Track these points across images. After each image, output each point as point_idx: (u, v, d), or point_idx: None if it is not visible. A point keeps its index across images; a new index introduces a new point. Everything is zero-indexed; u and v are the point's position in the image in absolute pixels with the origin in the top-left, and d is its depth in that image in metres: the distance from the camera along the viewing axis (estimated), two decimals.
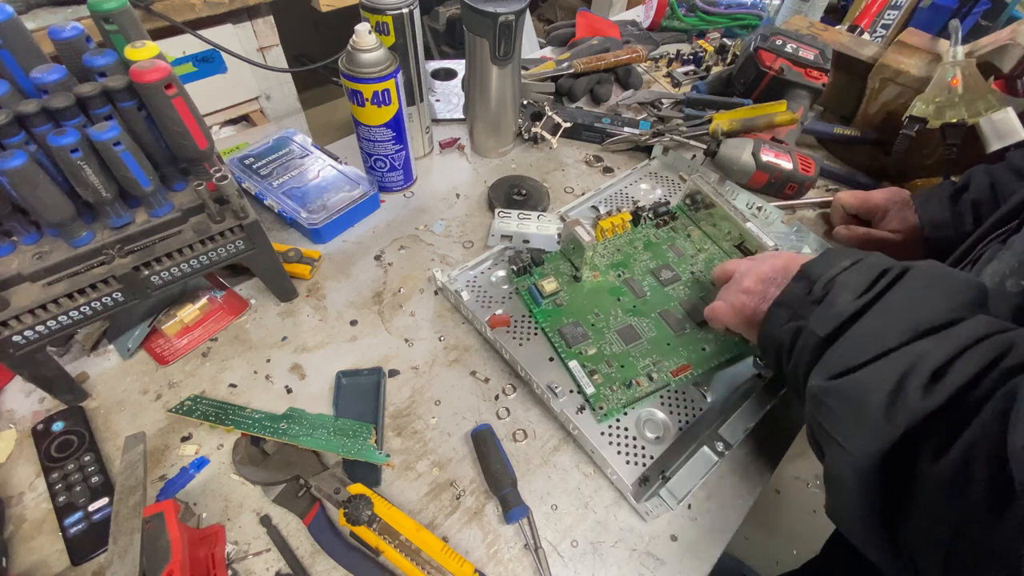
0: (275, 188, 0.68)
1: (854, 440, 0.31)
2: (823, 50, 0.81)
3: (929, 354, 0.29)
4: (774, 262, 0.46)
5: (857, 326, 0.34)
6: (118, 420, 0.50)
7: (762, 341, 0.44)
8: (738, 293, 0.47)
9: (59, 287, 0.43)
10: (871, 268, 0.37)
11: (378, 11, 0.62)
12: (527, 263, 0.60)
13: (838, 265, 0.38)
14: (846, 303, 0.35)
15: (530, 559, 0.44)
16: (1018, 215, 0.47)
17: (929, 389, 0.28)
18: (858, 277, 0.36)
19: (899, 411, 0.29)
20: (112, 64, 0.42)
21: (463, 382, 0.55)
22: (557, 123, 0.81)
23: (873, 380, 0.31)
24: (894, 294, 0.34)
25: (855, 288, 0.35)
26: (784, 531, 1.25)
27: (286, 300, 0.60)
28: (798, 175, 0.73)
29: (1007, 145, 0.64)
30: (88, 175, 0.40)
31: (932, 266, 0.36)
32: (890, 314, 0.33)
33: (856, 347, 0.33)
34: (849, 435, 0.32)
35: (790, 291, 0.41)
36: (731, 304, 0.48)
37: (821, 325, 0.36)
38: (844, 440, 0.32)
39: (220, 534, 0.43)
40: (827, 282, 0.38)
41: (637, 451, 0.49)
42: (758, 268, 0.47)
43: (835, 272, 0.38)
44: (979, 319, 0.32)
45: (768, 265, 0.46)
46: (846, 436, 0.32)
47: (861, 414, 0.31)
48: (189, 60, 0.96)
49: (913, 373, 0.29)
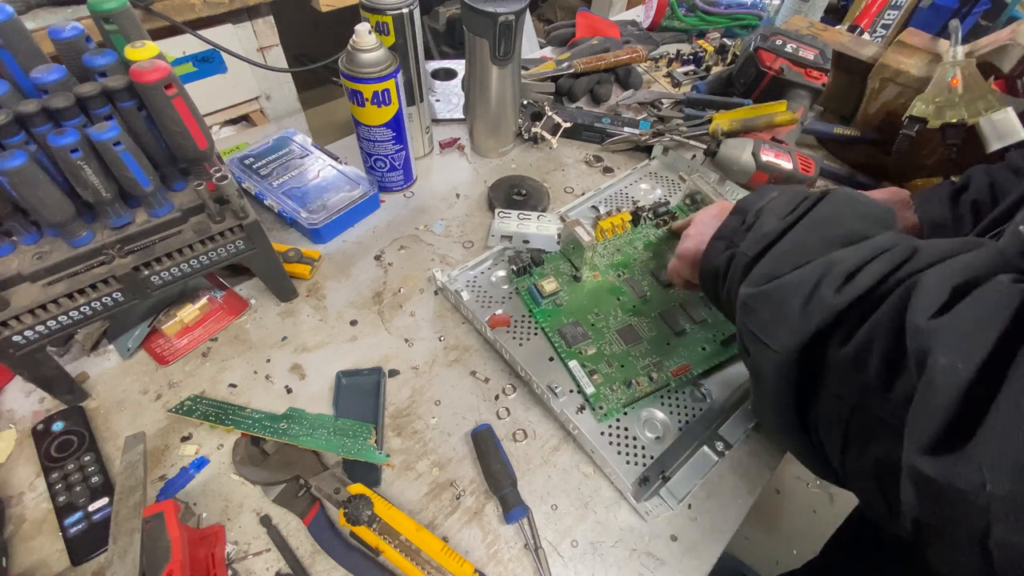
0: (275, 188, 0.68)
1: (775, 337, 0.34)
2: (823, 50, 0.81)
3: (843, 260, 0.33)
4: (711, 209, 0.51)
5: (780, 243, 0.37)
6: (118, 420, 0.50)
7: (702, 275, 0.46)
8: (683, 241, 0.51)
9: (59, 287, 0.43)
10: (795, 195, 0.40)
11: (378, 11, 0.62)
12: (527, 263, 0.60)
13: (767, 196, 0.42)
14: (771, 225, 0.38)
15: (530, 559, 0.44)
16: (1010, 217, 0.46)
17: (841, 289, 0.32)
18: (783, 202, 0.40)
19: (814, 308, 0.32)
20: (112, 64, 0.42)
21: (463, 382, 0.55)
22: (557, 123, 0.81)
23: (793, 284, 0.34)
24: (814, 214, 0.37)
25: (780, 212, 0.39)
26: (784, 531, 1.25)
27: (286, 300, 0.60)
28: (798, 175, 0.72)
29: (1007, 145, 0.64)
30: (88, 175, 0.40)
31: (848, 191, 0.40)
32: (810, 230, 0.37)
33: (780, 259, 0.36)
34: (771, 333, 0.35)
35: (726, 225, 0.44)
36: (677, 254, 0.51)
37: (751, 247, 0.39)
38: (767, 338, 0.35)
39: (220, 534, 0.43)
40: (757, 210, 0.41)
41: (637, 451, 0.49)
42: (699, 216, 0.51)
43: (764, 202, 0.41)
44: (889, 233, 0.35)
45: (706, 212, 0.51)
46: (768, 335, 0.35)
47: (782, 314, 0.34)
48: (189, 60, 0.96)
49: (828, 276, 0.32)
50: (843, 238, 0.35)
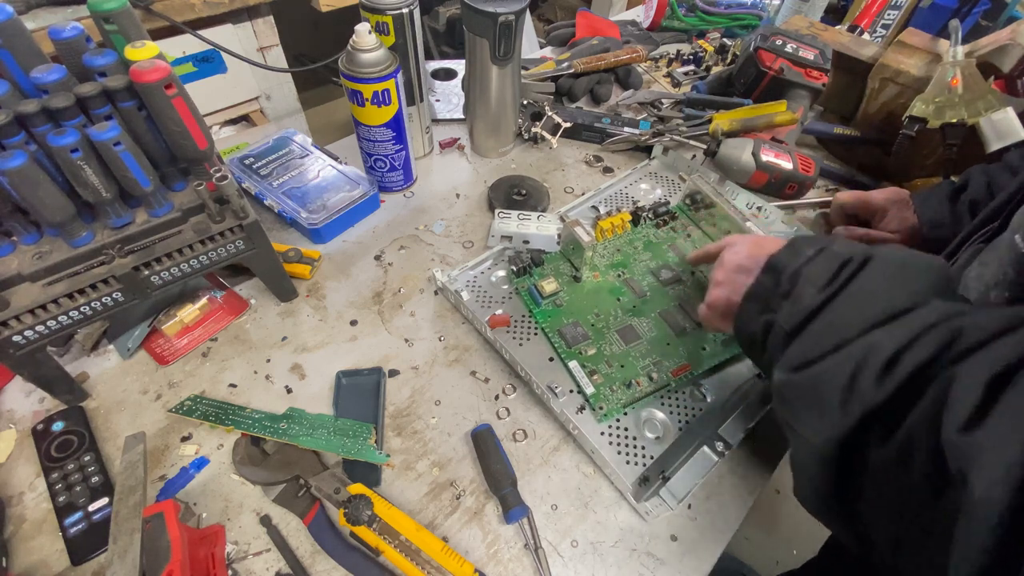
0: (275, 188, 0.68)
1: (813, 430, 0.32)
2: (823, 50, 0.81)
3: (881, 345, 0.30)
4: (741, 249, 0.46)
5: (818, 320, 0.34)
6: (118, 420, 0.50)
7: (737, 335, 0.44)
8: (711, 289, 0.48)
9: (59, 287, 0.43)
10: (833, 258, 0.37)
11: (378, 11, 0.62)
12: (527, 263, 0.60)
13: (802, 255, 0.39)
14: (810, 297, 0.35)
15: (530, 559, 0.44)
16: (1000, 215, 0.46)
17: (881, 380, 0.29)
18: (821, 268, 0.37)
19: (853, 402, 0.30)
20: (112, 64, 0.42)
21: (463, 382, 0.55)
22: (557, 123, 0.81)
23: (828, 373, 0.32)
24: (855, 285, 0.34)
25: (817, 280, 0.36)
26: (784, 531, 1.25)
27: (286, 300, 0.60)
28: (798, 175, 0.73)
29: (1007, 145, 0.64)
30: (88, 175, 0.40)
31: (894, 252, 0.36)
32: (849, 306, 0.34)
33: (815, 341, 0.34)
34: (808, 426, 0.33)
35: (760, 284, 0.41)
36: (705, 303, 0.48)
37: (788, 320, 0.36)
38: (803, 430, 0.33)
39: (220, 534, 0.43)
40: (792, 274, 0.38)
41: (637, 451, 0.49)
42: (728, 257, 0.47)
43: (799, 263, 0.38)
44: (933, 306, 0.32)
45: (736, 254, 0.46)
46: (805, 427, 0.33)
47: (818, 406, 0.32)
48: (189, 60, 0.96)
49: (866, 365, 0.30)
50: (886, 313, 0.32)
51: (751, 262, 0.44)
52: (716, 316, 0.47)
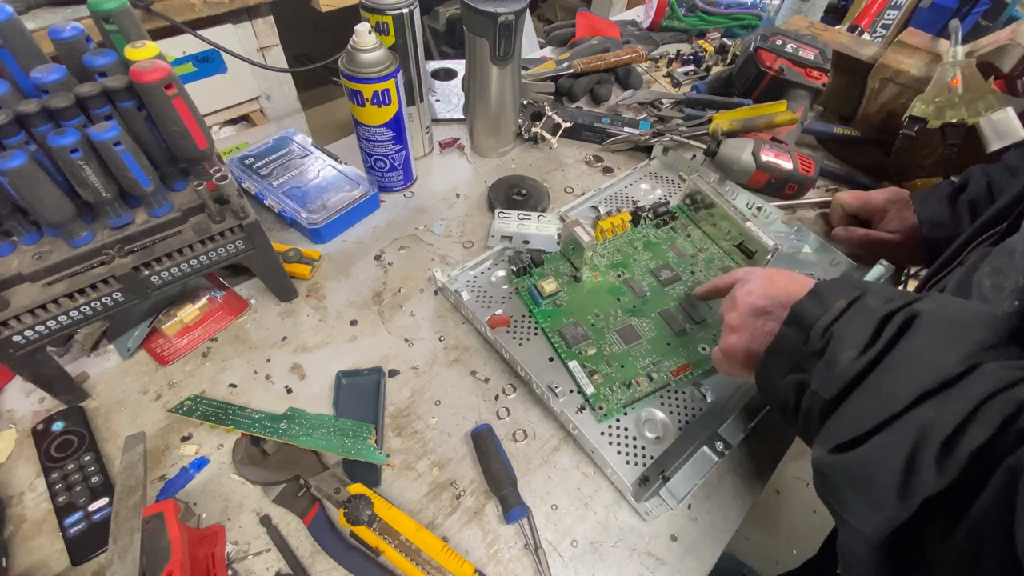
0: (275, 188, 0.68)
1: (864, 519, 0.29)
2: (823, 50, 0.81)
3: (938, 423, 0.27)
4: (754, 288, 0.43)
5: (862, 388, 0.31)
6: (118, 420, 0.50)
7: (762, 391, 0.41)
8: (726, 335, 0.44)
9: (59, 287, 0.43)
10: (870, 316, 0.33)
11: (378, 11, 0.62)
12: (527, 263, 0.60)
13: (832, 308, 0.35)
14: (848, 361, 0.32)
15: (530, 559, 0.44)
16: (1006, 217, 0.46)
17: (942, 464, 0.26)
18: (857, 328, 0.33)
19: (912, 490, 0.27)
20: (112, 64, 0.42)
21: (463, 382, 0.55)
22: (557, 123, 0.81)
23: (880, 456, 0.29)
24: (901, 350, 0.30)
25: (856, 342, 0.32)
26: (784, 531, 1.25)
27: (286, 300, 0.60)
28: (798, 175, 0.73)
29: (1007, 145, 0.64)
30: (88, 175, 0.40)
31: (941, 308, 0.32)
32: (897, 374, 0.30)
33: (859, 415, 0.30)
34: (859, 514, 0.30)
35: (784, 338, 0.38)
36: (721, 349, 0.45)
37: (825, 387, 0.33)
38: (854, 520, 0.30)
39: (220, 534, 0.43)
40: (824, 331, 0.34)
41: (637, 451, 0.49)
42: (741, 297, 0.44)
43: (830, 319, 0.35)
44: (988, 370, 0.28)
45: (749, 294, 0.43)
46: (856, 515, 0.30)
47: (870, 493, 0.29)
48: (189, 60, 0.96)
49: (924, 447, 0.27)
50: (937, 381, 0.28)
51: (769, 303, 0.41)
52: (735, 365, 0.44)
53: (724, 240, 0.65)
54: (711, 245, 0.65)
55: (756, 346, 0.41)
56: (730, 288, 0.48)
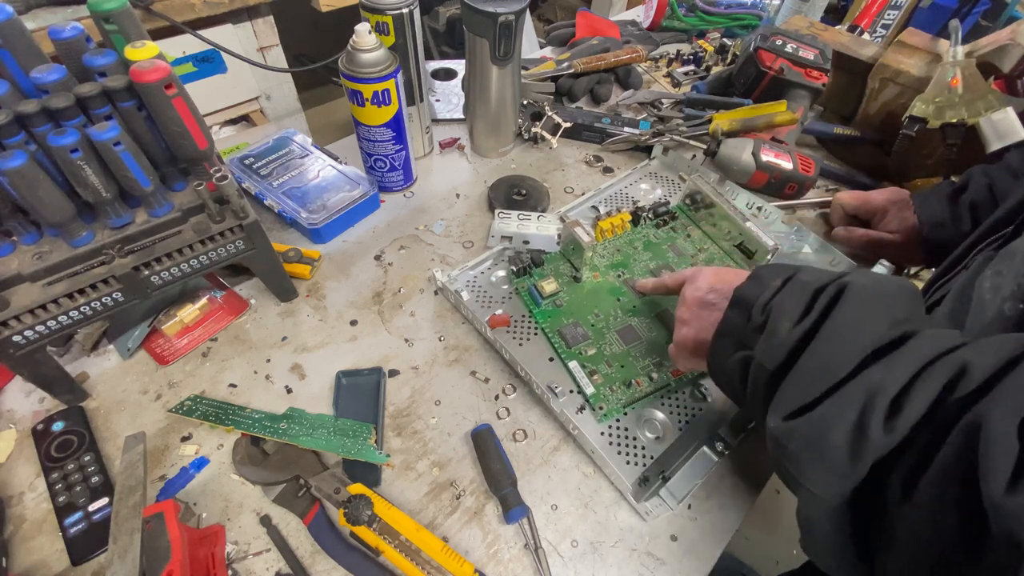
0: (275, 188, 0.68)
1: (820, 483, 0.30)
2: (823, 50, 0.81)
3: (883, 384, 0.28)
4: (701, 284, 0.45)
5: (805, 356, 0.32)
6: (118, 420, 0.50)
7: (713, 374, 0.43)
8: (678, 328, 0.46)
9: (59, 287, 0.43)
10: (804, 289, 0.35)
11: (378, 11, 0.62)
12: (527, 264, 0.60)
13: (770, 286, 0.37)
14: (787, 331, 0.33)
15: (530, 559, 0.44)
16: (1012, 221, 0.46)
17: (890, 424, 0.28)
18: (793, 300, 0.35)
19: (863, 450, 0.28)
20: (112, 64, 0.42)
21: (463, 382, 0.55)
22: (557, 123, 0.81)
23: (831, 418, 0.30)
24: (835, 317, 0.32)
25: (792, 313, 0.34)
26: (784, 531, 1.25)
27: (286, 300, 0.60)
28: (798, 175, 0.73)
29: (1007, 145, 0.64)
30: (88, 175, 0.40)
31: (865, 277, 0.34)
32: (835, 339, 0.32)
33: (808, 380, 0.32)
34: (814, 478, 0.31)
35: (729, 320, 0.40)
36: (674, 344, 0.47)
37: (768, 357, 0.34)
38: (810, 484, 0.31)
39: (220, 534, 0.43)
40: (763, 307, 0.36)
41: (637, 451, 0.49)
42: (688, 294, 0.46)
43: (769, 295, 0.37)
44: (924, 335, 0.30)
45: (697, 289, 0.45)
46: (812, 480, 0.31)
47: (824, 456, 0.30)
48: (189, 60, 0.96)
49: (871, 408, 0.28)
50: (876, 344, 0.30)
51: (714, 295, 0.44)
52: (686, 355, 0.46)
53: (724, 240, 0.65)
54: (711, 245, 0.65)
55: (704, 335, 0.43)
56: (679, 287, 0.49)
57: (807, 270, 0.38)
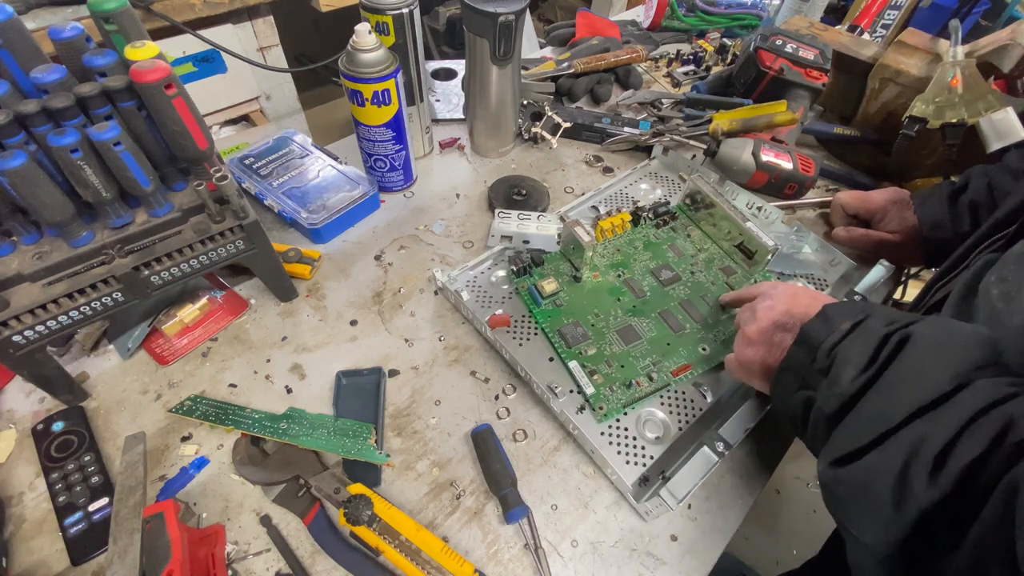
0: (275, 188, 0.68)
1: (867, 531, 0.31)
2: (823, 50, 0.81)
3: (928, 439, 0.29)
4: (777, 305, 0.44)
5: (860, 404, 0.33)
6: (118, 420, 0.50)
7: (775, 403, 0.43)
8: (743, 346, 0.46)
9: (59, 287, 0.43)
10: (870, 337, 0.35)
11: (378, 11, 0.62)
12: (527, 263, 0.60)
13: (838, 329, 0.37)
14: (848, 380, 0.34)
15: (530, 559, 0.44)
16: (1013, 222, 0.46)
17: (934, 477, 0.28)
18: (858, 349, 0.35)
19: (907, 502, 0.28)
20: (112, 64, 0.42)
21: (463, 382, 0.55)
22: (557, 123, 0.81)
23: (876, 470, 0.30)
24: (896, 368, 0.32)
25: (857, 362, 0.34)
26: (784, 531, 1.25)
27: (286, 300, 0.60)
28: (798, 175, 0.73)
29: (1007, 145, 0.64)
30: (88, 175, 0.40)
31: (936, 328, 0.33)
32: (891, 391, 0.32)
33: (858, 429, 0.32)
34: (861, 526, 0.31)
35: (794, 357, 0.40)
36: (738, 359, 0.47)
37: (827, 403, 0.35)
38: (858, 532, 0.31)
39: (220, 534, 0.43)
40: (829, 351, 0.37)
41: (637, 451, 0.49)
42: (761, 313, 0.45)
43: (836, 339, 0.37)
44: (978, 387, 0.30)
45: (771, 309, 0.44)
46: (859, 528, 0.31)
47: (869, 506, 0.30)
48: (189, 60, 0.96)
49: (916, 460, 0.28)
50: (930, 398, 0.30)
51: (789, 319, 0.43)
52: (751, 376, 0.46)
53: (724, 240, 0.65)
54: (711, 245, 0.65)
55: (771, 361, 0.43)
56: (753, 299, 0.49)
57: (877, 313, 0.37)
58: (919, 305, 0.56)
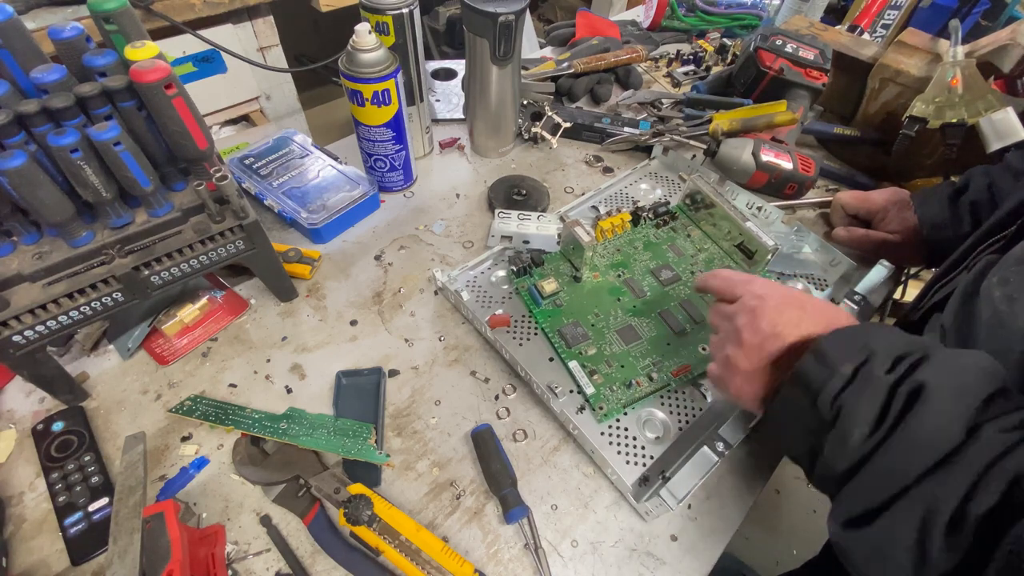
0: (275, 188, 0.68)
1: None
2: (823, 50, 0.81)
3: (943, 499, 0.28)
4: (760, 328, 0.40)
5: (871, 464, 0.32)
6: (118, 420, 0.50)
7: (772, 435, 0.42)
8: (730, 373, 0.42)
9: (59, 287, 0.43)
10: (877, 388, 0.32)
11: (378, 11, 0.62)
12: (527, 263, 0.60)
13: (838, 373, 0.34)
14: (859, 440, 0.32)
15: (530, 559, 0.44)
16: (1013, 222, 0.46)
17: (951, 541, 0.28)
18: (867, 404, 0.32)
19: (925, 570, 0.28)
20: (112, 64, 0.42)
21: (463, 382, 0.55)
22: (557, 123, 0.81)
23: (891, 535, 0.30)
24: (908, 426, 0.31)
25: (866, 419, 0.32)
26: (784, 531, 1.25)
27: (286, 300, 0.60)
28: (798, 175, 0.73)
29: (1007, 145, 0.64)
30: (88, 175, 0.40)
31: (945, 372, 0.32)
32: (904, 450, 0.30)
33: (870, 489, 0.31)
34: None
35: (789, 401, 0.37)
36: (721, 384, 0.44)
37: (837, 461, 0.33)
38: None
39: (220, 534, 0.43)
40: (832, 400, 0.34)
41: (637, 451, 0.49)
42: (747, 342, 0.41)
43: (838, 386, 0.34)
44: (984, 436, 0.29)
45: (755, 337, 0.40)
46: None
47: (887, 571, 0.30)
48: (189, 60, 0.96)
49: (932, 525, 0.28)
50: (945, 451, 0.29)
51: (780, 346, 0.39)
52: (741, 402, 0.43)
53: (724, 240, 0.65)
54: (711, 245, 0.65)
55: (764, 392, 0.40)
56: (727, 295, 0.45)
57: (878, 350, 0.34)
58: (919, 305, 0.56)
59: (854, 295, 0.59)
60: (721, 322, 0.45)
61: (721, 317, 0.45)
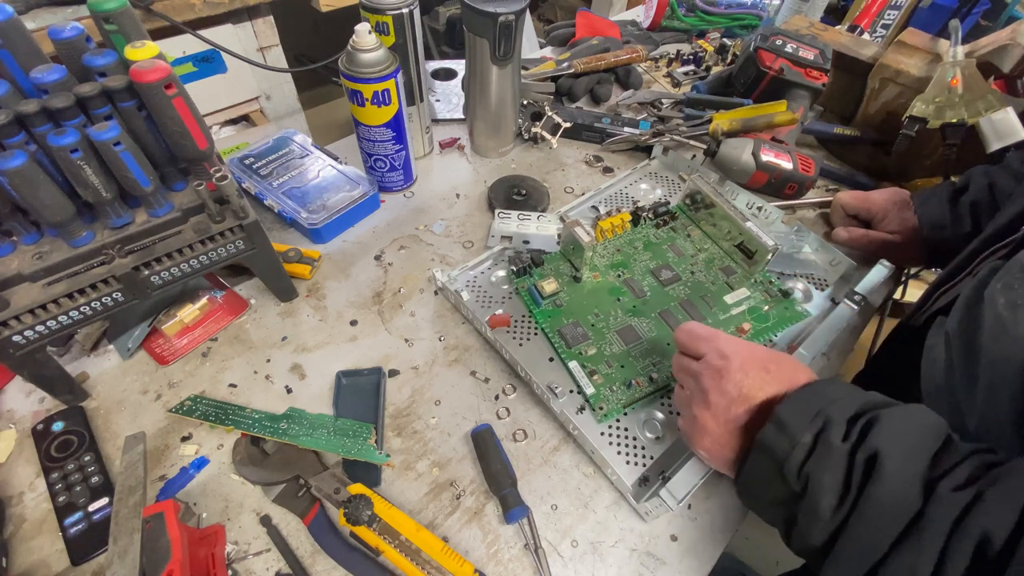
0: (275, 188, 0.68)
1: None
2: (823, 50, 0.81)
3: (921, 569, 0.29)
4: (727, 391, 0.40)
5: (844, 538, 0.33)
6: (118, 420, 0.50)
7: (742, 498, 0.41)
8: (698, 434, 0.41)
9: (59, 287, 0.43)
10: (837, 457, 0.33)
11: (378, 11, 0.62)
12: (527, 264, 0.60)
13: (800, 443, 0.34)
14: (829, 512, 0.33)
15: (530, 559, 0.44)
16: (1018, 228, 0.45)
17: None
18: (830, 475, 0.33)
19: None
20: (112, 64, 0.42)
21: (463, 382, 0.55)
22: (557, 123, 0.81)
23: None
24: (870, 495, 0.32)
25: (832, 490, 0.33)
26: None
27: (286, 300, 0.60)
28: (798, 175, 0.73)
29: (1007, 145, 0.64)
30: (88, 175, 0.40)
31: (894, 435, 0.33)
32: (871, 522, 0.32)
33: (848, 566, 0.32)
34: None
35: (755, 470, 0.37)
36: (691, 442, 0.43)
37: (813, 534, 0.34)
38: None
39: (220, 534, 0.43)
40: (798, 471, 0.34)
41: (637, 451, 0.49)
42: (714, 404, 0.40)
43: (801, 457, 0.34)
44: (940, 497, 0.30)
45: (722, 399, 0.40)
46: None
47: None
48: (189, 60, 0.96)
49: None
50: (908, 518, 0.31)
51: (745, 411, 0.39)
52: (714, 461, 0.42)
53: (724, 240, 0.65)
54: (711, 245, 0.65)
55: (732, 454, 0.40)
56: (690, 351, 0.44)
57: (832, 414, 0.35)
58: (921, 310, 0.56)
59: (854, 295, 0.59)
60: (686, 379, 0.44)
61: (686, 374, 0.44)
